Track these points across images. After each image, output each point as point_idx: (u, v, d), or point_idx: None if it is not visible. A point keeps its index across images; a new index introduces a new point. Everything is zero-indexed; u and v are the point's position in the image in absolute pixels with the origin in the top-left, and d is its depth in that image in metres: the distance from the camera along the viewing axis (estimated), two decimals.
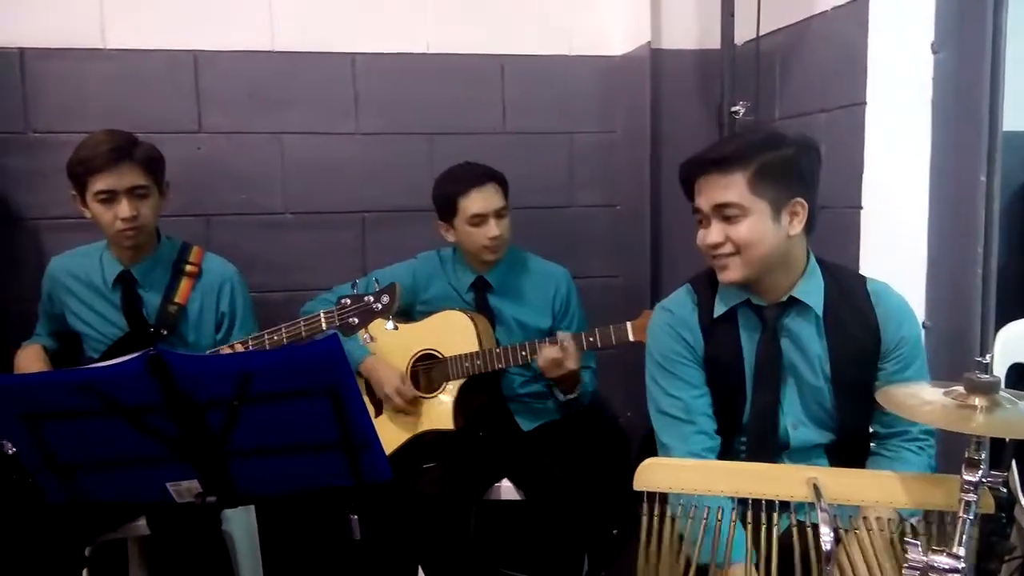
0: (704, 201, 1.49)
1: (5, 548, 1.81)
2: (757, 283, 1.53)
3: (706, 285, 1.59)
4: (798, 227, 1.49)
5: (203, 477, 1.30)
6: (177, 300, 2.05)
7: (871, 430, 1.59)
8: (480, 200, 2.13)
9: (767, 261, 1.49)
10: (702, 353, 1.57)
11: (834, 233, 1.99)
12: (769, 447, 1.55)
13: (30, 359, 2.06)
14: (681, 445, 1.53)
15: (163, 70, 2.36)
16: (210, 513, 1.34)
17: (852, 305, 1.54)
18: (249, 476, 1.32)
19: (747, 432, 1.56)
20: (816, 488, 1.17)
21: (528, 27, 2.56)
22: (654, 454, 1.52)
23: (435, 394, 2.16)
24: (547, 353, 2.01)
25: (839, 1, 2.02)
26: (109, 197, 1.92)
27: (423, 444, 2.15)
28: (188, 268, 2.07)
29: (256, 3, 2.39)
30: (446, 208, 2.17)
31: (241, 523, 2.03)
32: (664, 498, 1.24)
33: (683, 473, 1.24)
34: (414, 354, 2.18)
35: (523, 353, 2.07)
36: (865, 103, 1.93)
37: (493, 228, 2.14)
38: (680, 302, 1.61)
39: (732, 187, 1.45)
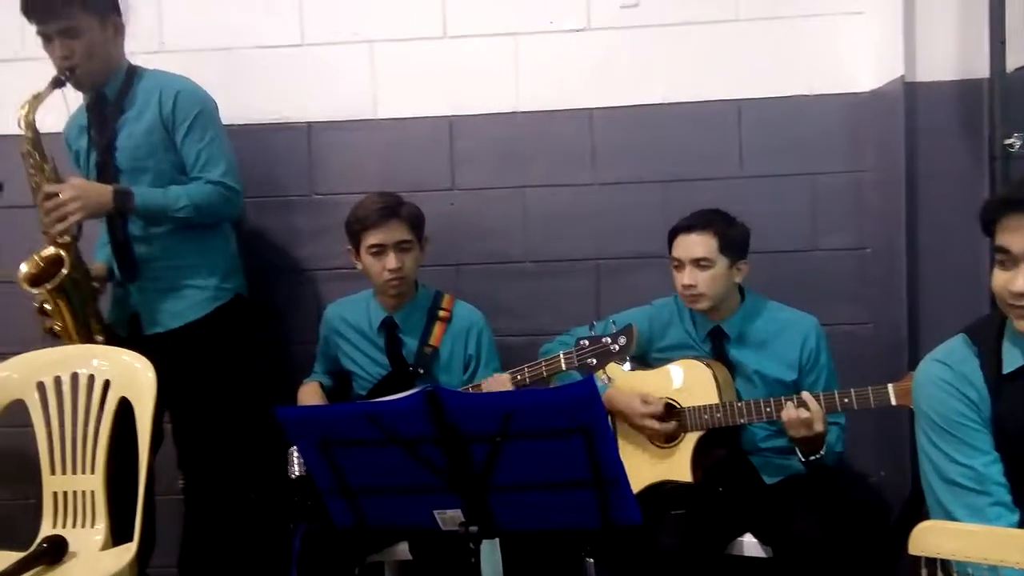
0: (1019, 243, 1.33)
1: (288, 564, 2.04)
2: None
3: (990, 336, 1.42)
4: None
5: (466, 507, 1.39)
6: (431, 343, 2.23)
7: None
8: (680, 245, 2.12)
9: None
10: (989, 413, 1.40)
11: None
12: None
13: (309, 395, 2.32)
14: (975, 519, 1.35)
15: (424, 136, 2.61)
16: (471, 542, 1.43)
17: None
18: (507, 510, 1.39)
19: None
20: None
21: (765, 69, 2.52)
22: (920, 518, 1.37)
23: (672, 445, 2.12)
24: (791, 414, 1.92)
25: None
26: (379, 250, 2.15)
27: (660, 495, 2.11)
28: (441, 314, 2.26)
29: (505, 69, 2.58)
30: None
31: (489, 556, 2.12)
32: (945, 565, 1.14)
33: (970, 539, 1.14)
34: None
35: (767, 409, 1.99)
36: None
37: (686, 276, 2.10)
38: (959, 355, 1.45)
39: None
